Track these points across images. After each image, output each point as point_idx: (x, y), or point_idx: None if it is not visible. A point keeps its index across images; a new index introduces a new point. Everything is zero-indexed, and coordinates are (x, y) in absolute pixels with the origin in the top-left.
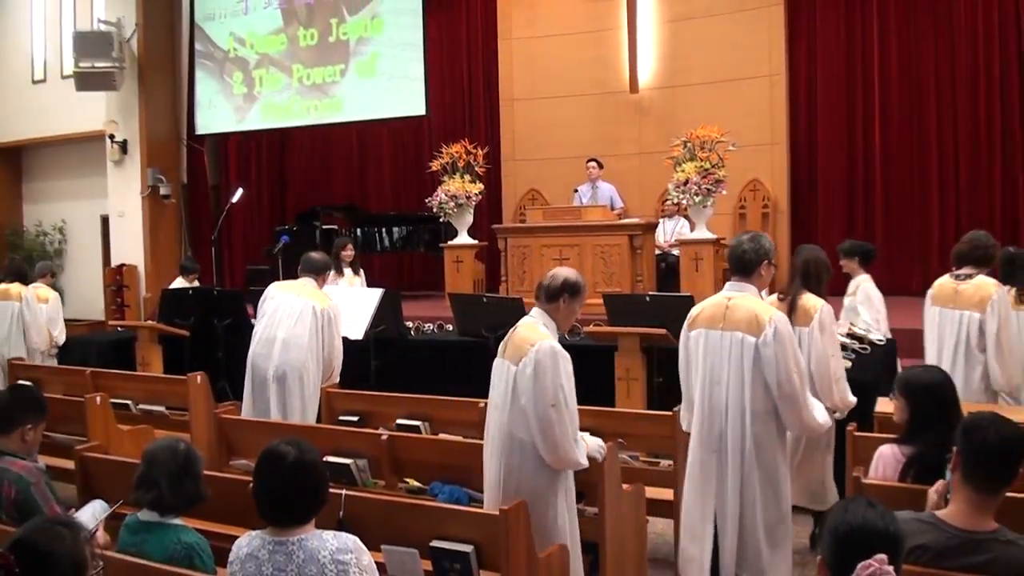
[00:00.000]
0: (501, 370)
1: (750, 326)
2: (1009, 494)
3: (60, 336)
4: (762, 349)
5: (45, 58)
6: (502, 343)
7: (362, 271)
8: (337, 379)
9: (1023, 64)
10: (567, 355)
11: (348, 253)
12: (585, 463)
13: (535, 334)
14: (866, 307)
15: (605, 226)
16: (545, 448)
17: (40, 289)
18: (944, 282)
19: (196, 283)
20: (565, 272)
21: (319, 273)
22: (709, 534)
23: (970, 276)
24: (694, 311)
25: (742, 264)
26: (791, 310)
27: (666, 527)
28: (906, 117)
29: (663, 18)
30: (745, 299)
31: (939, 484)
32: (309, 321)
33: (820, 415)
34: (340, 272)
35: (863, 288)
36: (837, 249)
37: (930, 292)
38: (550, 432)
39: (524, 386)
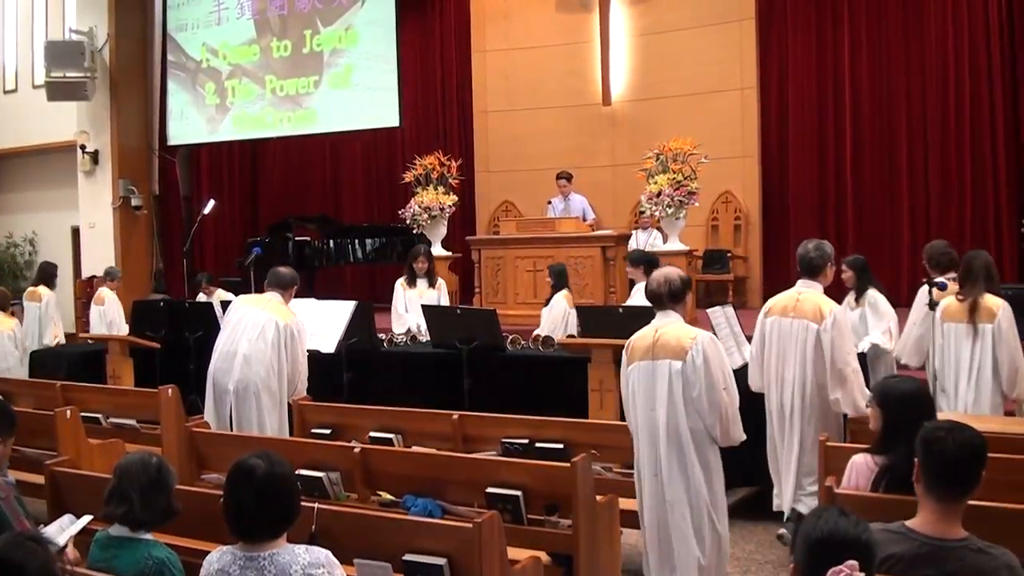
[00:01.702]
0: (654, 370)
1: (815, 315)
2: (979, 503)
3: (123, 327)
4: (822, 335)
5: (16, 67)
6: (639, 347)
7: (442, 283)
8: (303, 394)
9: (992, 74)
10: None
11: (421, 265)
12: (743, 437)
13: (688, 330)
14: None
15: (578, 238)
16: (720, 428)
17: (103, 291)
18: (952, 302)
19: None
20: (675, 272)
21: (286, 288)
22: (789, 481)
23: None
24: (769, 303)
25: (811, 267)
26: (973, 309)
27: (640, 538)
28: (876, 129)
29: (636, 31)
30: (812, 294)
31: None
32: (271, 336)
33: (862, 399)
34: (412, 283)
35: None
36: (625, 258)
37: (940, 310)
38: (724, 413)
39: (695, 377)
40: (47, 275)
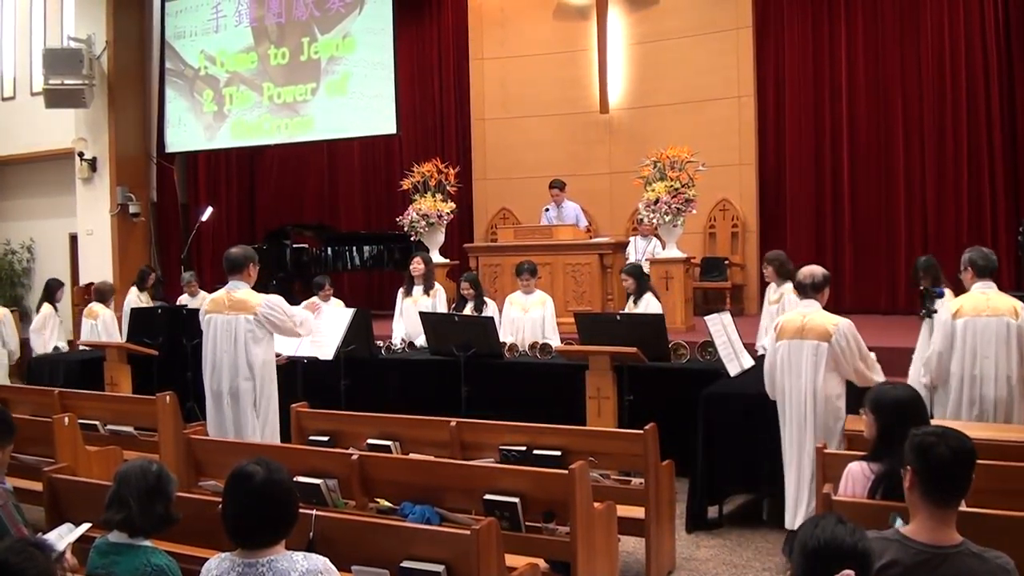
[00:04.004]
0: (805, 348)
1: (1010, 312)
2: (977, 510)
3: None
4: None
5: (15, 75)
6: (789, 328)
7: (439, 290)
8: (309, 328)
9: (989, 83)
10: None
11: (417, 266)
12: (882, 378)
13: (829, 317)
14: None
15: (576, 245)
16: (865, 383)
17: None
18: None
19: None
20: (819, 269)
21: (241, 268)
22: None
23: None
24: (955, 306)
25: (992, 269)
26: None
27: (637, 545)
28: (873, 137)
29: (633, 39)
30: (998, 294)
31: None
32: (243, 340)
33: None
34: (409, 291)
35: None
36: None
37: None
38: (867, 376)
39: (841, 353)
40: (140, 276)
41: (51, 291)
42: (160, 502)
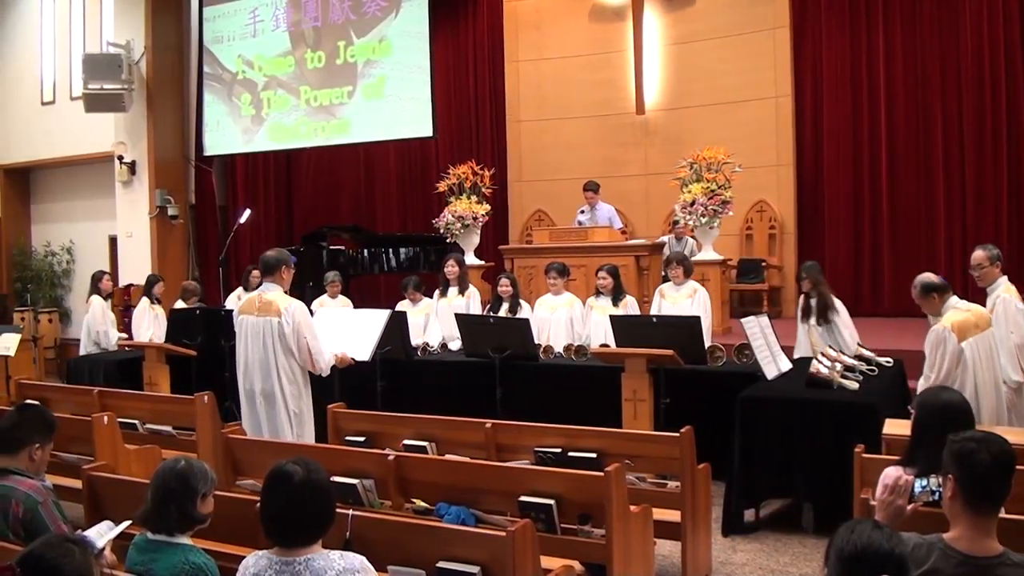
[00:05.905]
0: (988, 339)
1: None
2: (1013, 516)
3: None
4: None
5: (54, 80)
6: (966, 327)
7: (473, 291)
8: (326, 368)
9: None
10: None
11: (451, 270)
12: None
13: (981, 312)
14: None
15: (612, 247)
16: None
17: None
18: None
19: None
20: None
21: (274, 271)
22: None
23: None
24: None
25: None
26: None
27: (673, 549)
28: (912, 136)
29: (669, 40)
30: None
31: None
32: (272, 341)
33: None
34: (443, 293)
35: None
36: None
37: None
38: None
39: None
40: (246, 275)
41: (150, 285)
42: (171, 503)
